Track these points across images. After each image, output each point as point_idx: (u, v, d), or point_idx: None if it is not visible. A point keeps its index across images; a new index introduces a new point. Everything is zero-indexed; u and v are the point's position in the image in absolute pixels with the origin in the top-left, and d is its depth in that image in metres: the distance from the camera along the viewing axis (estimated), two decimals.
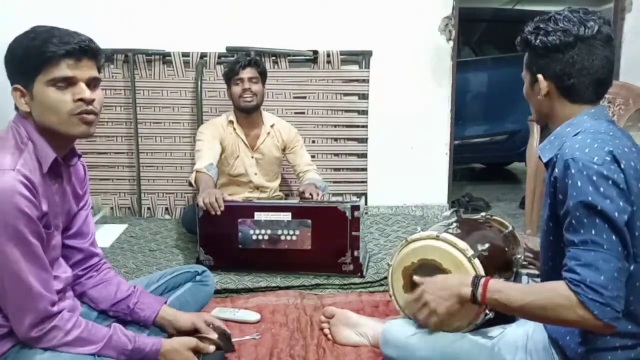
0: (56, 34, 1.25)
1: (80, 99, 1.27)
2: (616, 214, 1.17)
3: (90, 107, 1.29)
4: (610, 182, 1.18)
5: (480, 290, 1.35)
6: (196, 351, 1.48)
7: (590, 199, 1.18)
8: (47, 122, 1.28)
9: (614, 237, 1.17)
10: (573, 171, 1.21)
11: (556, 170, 1.27)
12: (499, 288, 1.34)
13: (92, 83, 1.30)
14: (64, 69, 1.25)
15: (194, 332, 1.56)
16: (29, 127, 1.30)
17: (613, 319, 1.16)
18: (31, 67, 1.25)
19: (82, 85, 1.27)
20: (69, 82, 1.26)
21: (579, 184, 1.19)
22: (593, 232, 1.18)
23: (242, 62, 2.73)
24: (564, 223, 1.24)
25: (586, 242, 1.18)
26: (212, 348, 1.52)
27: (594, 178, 1.18)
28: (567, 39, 1.30)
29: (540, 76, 1.35)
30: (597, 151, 1.21)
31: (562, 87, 1.34)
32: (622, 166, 1.21)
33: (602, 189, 1.18)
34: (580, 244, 1.19)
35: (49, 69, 1.24)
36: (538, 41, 1.33)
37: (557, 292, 1.21)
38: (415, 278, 1.55)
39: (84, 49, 1.27)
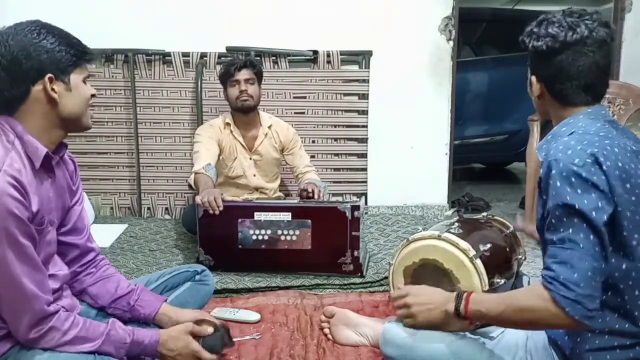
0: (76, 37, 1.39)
1: (93, 95, 1.41)
2: (594, 213, 1.17)
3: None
4: (589, 183, 1.19)
5: (463, 303, 1.36)
6: (194, 335, 1.48)
7: (568, 198, 1.19)
8: (76, 111, 1.37)
9: (591, 236, 1.17)
10: (554, 172, 1.22)
11: (541, 170, 1.28)
12: (480, 299, 1.35)
13: None
14: (87, 68, 1.40)
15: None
16: (15, 124, 1.30)
17: (584, 316, 1.16)
18: (72, 60, 1.34)
19: (87, 82, 1.41)
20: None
21: (558, 184, 1.21)
22: (571, 230, 1.18)
23: (237, 63, 2.72)
24: (545, 229, 1.25)
25: (563, 240, 1.19)
26: (210, 329, 1.51)
27: (572, 179, 1.19)
28: (553, 45, 1.30)
29: (533, 78, 1.38)
30: (579, 153, 1.22)
31: (552, 91, 1.35)
32: (605, 167, 1.21)
33: (579, 191, 1.19)
34: (558, 242, 1.20)
35: (83, 66, 1.38)
36: (530, 45, 1.35)
37: (532, 293, 1.23)
38: (400, 286, 1.57)
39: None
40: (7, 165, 1.23)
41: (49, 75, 1.30)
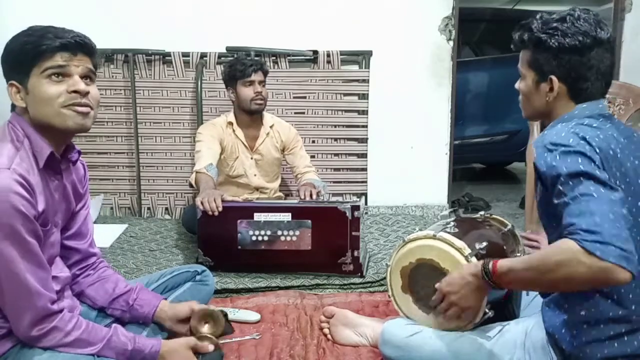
0: (52, 30, 1.30)
1: (75, 91, 1.29)
2: (597, 171, 1.17)
3: (84, 100, 1.31)
4: (584, 156, 1.19)
5: (490, 267, 1.33)
6: (195, 351, 1.48)
7: (570, 168, 1.18)
8: (41, 115, 1.29)
9: (601, 189, 1.15)
10: (548, 150, 1.23)
11: (535, 156, 1.28)
12: (507, 265, 1.30)
13: (88, 77, 1.34)
14: (58, 60, 1.28)
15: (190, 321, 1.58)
16: (24, 124, 1.31)
17: (619, 257, 1.07)
18: (26, 61, 1.27)
19: (77, 77, 1.30)
20: (63, 74, 1.29)
21: (558, 157, 1.21)
22: (581, 187, 1.16)
23: (254, 65, 2.70)
24: (554, 201, 1.22)
25: (576, 197, 1.16)
26: (211, 347, 1.52)
27: (569, 159, 1.19)
28: (586, 41, 1.28)
29: (554, 78, 1.33)
30: (571, 136, 1.23)
31: (575, 89, 1.33)
32: (597, 150, 1.21)
33: (579, 159, 1.18)
34: (571, 200, 1.17)
35: (43, 61, 1.27)
36: (554, 41, 1.30)
37: (559, 248, 1.15)
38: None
39: (79, 43, 1.31)
40: (16, 164, 1.24)
41: (10, 81, 1.30)
